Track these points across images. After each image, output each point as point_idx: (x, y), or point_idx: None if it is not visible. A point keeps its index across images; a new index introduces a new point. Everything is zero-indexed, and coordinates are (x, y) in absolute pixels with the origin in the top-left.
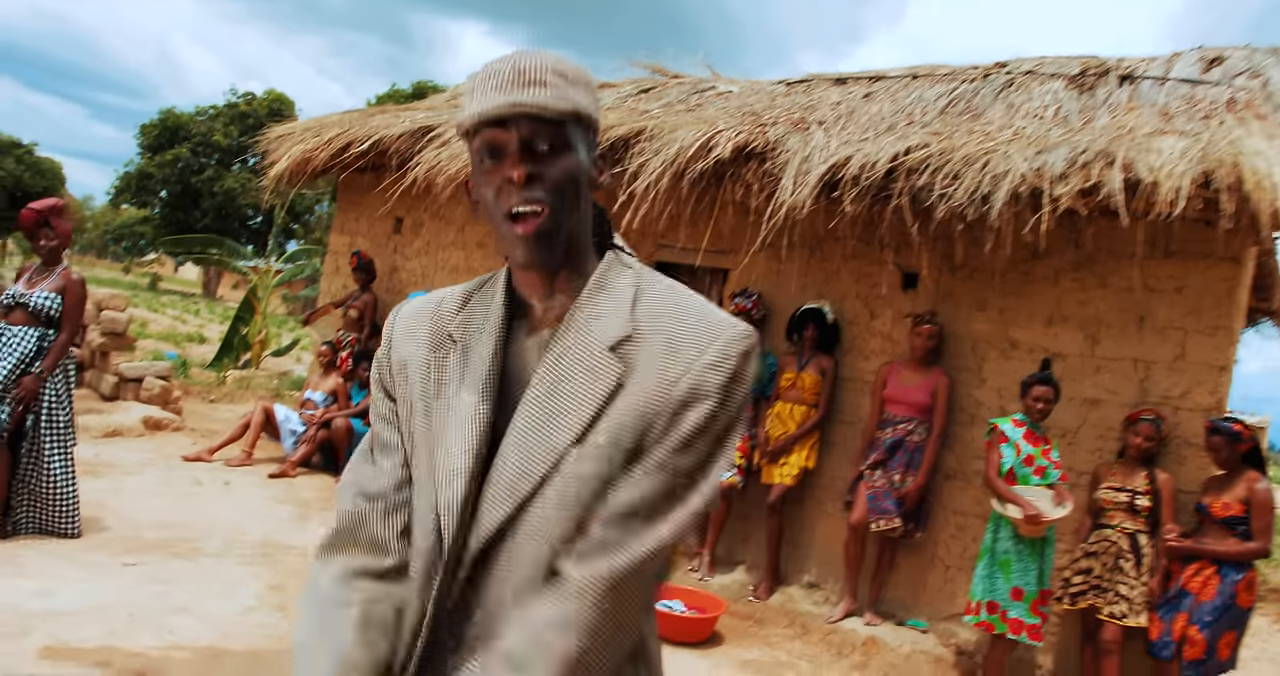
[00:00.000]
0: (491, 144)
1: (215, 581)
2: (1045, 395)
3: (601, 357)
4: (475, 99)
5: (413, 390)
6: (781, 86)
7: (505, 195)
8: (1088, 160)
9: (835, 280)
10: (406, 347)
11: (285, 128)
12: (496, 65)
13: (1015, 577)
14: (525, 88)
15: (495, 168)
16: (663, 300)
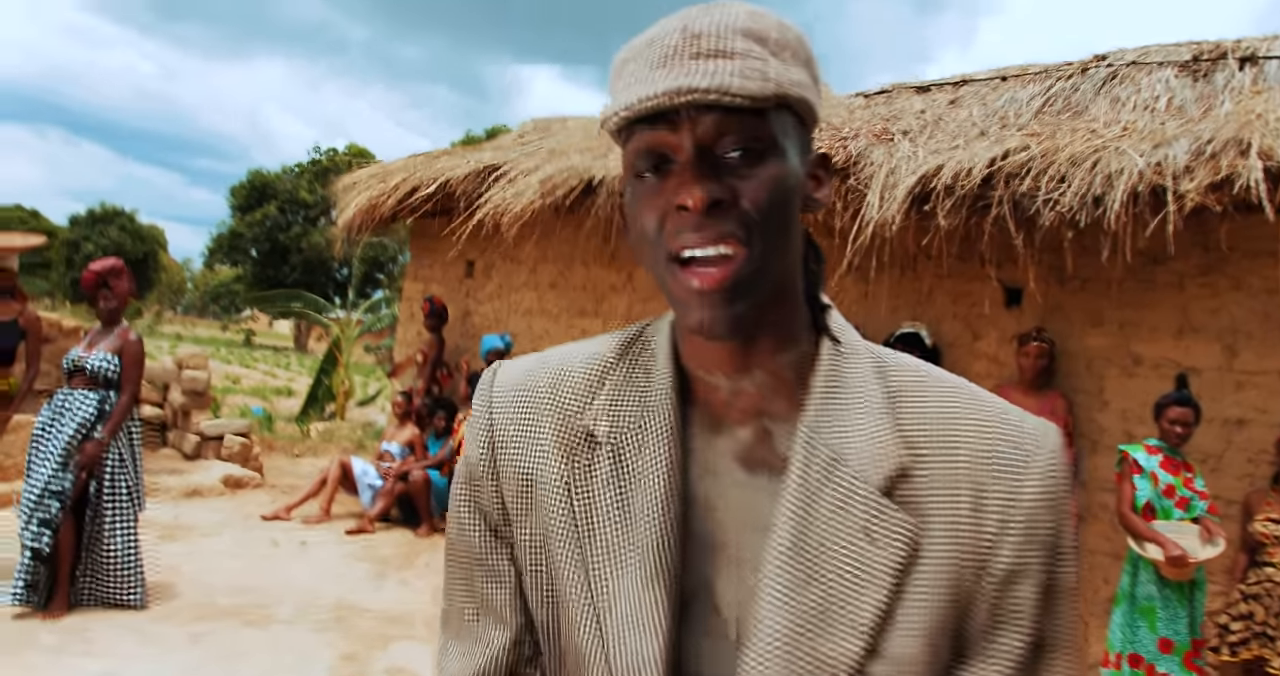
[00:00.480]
0: (652, 149)
1: (287, 653)
2: (1184, 417)
3: (876, 507)
4: (625, 81)
5: (548, 522)
6: (860, 98)
7: (674, 228)
8: (1216, 150)
9: (930, 301)
10: (525, 453)
11: (353, 176)
12: (660, 29)
13: (1162, 627)
14: (702, 61)
15: (658, 185)
16: (938, 404)
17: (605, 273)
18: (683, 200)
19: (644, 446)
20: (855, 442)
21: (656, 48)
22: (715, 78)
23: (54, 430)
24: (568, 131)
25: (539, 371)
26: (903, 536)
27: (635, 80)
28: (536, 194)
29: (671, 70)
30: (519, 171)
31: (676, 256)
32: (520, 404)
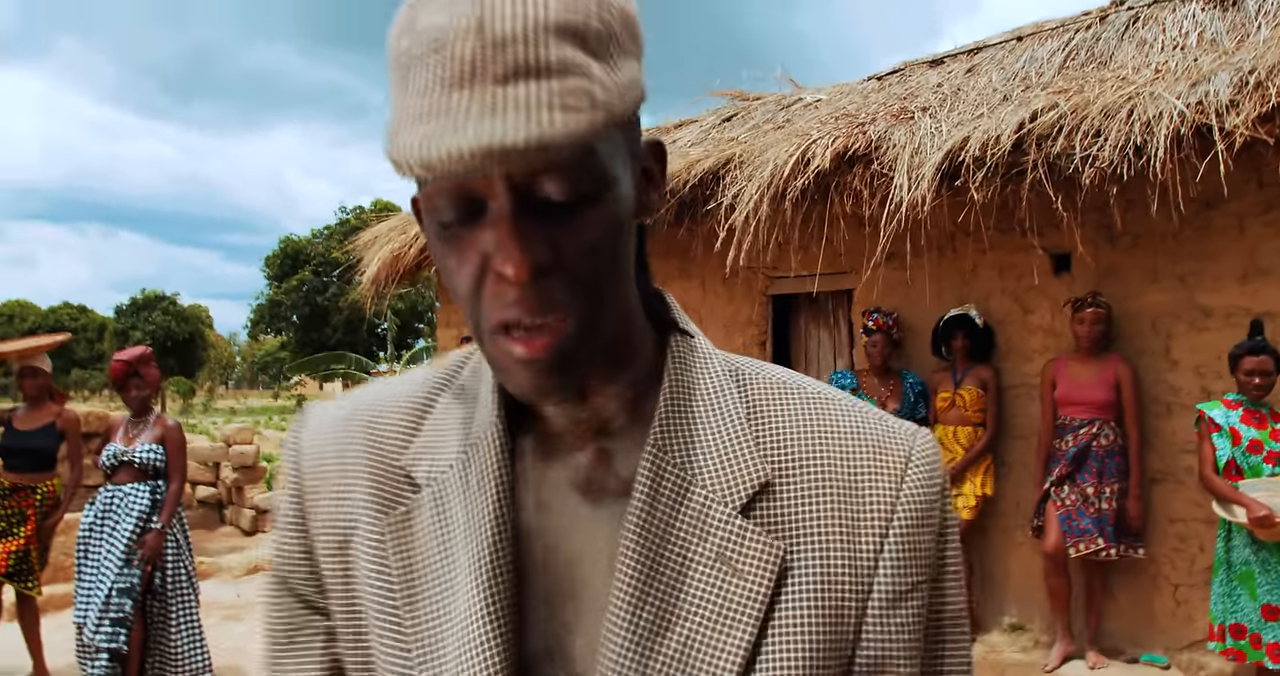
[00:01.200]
0: (458, 194)
1: None
2: (1262, 366)
3: (736, 530)
4: (413, 105)
5: (362, 589)
6: (873, 83)
7: (494, 293)
8: (1260, 79)
9: (974, 279)
10: (338, 507)
11: (373, 231)
12: (446, 15)
13: (1263, 593)
14: (511, 86)
15: (469, 237)
16: (801, 414)
17: None
18: (501, 267)
19: (469, 487)
20: (708, 460)
21: (447, 55)
22: (531, 124)
23: (106, 528)
24: None
25: (354, 413)
26: (768, 562)
27: (429, 112)
28: None
29: (474, 105)
30: None
31: (499, 325)
32: (331, 451)
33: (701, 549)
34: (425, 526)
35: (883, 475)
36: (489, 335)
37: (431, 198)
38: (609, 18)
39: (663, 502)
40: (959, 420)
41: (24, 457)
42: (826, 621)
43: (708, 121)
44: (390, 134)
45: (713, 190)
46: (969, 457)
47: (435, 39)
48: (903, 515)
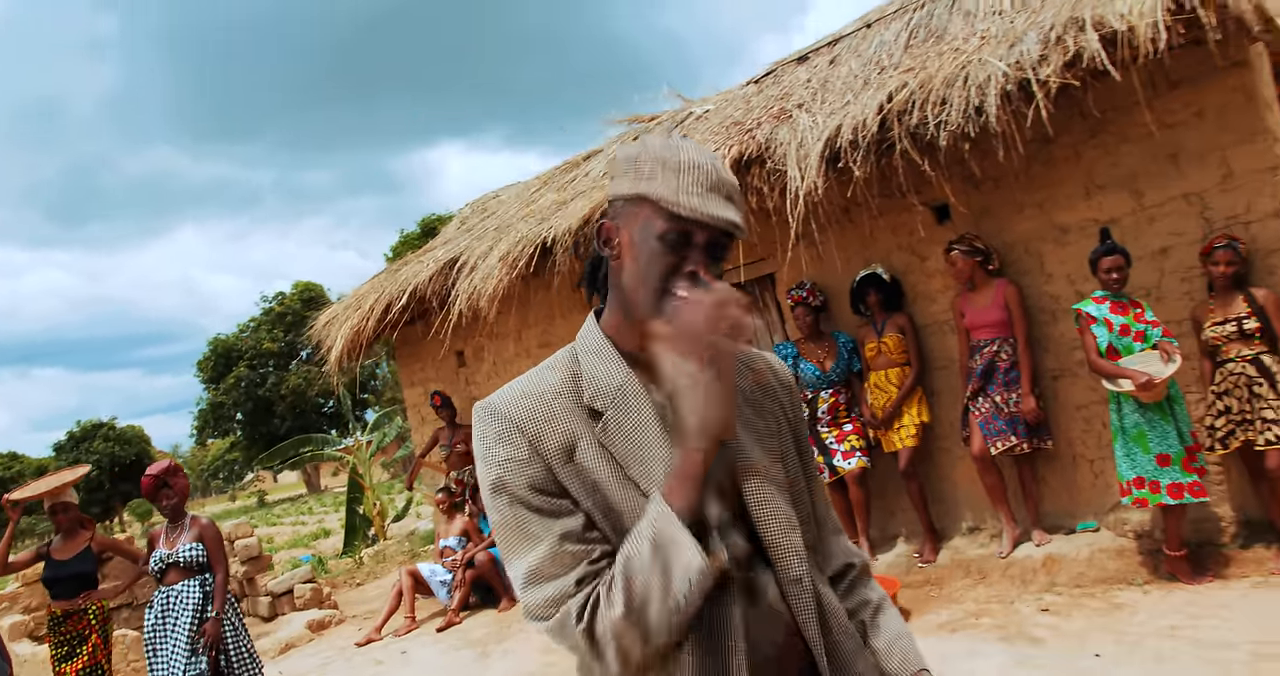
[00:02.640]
0: (684, 233)
1: None
2: (1115, 264)
3: (762, 401)
4: (685, 186)
5: (593, 468)
6: (752, 87)
7: (672, 272)
8: (1059, 35)
9: (873, 242)
10: (556, 434)
11: (327, 313)
12: (694, 156)
13: (1155, 445)
14: (732, 204)
15: (674, 254)
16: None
17: (583, 314)
18: (694, 265)
19: (631, 402)
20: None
21: (702, 174)
22: (738, 219)
23: (167, 625)
24: (503, 205)
25: (522, 392)
26: (776, 416)
27: (698, 194)
28: (501, 271)
29: (719, 202)
30: (477, 257)
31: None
32: (533, 409)
33: (755, 414)
34: (618, 428)
35: (784, 371)
36: (660, 295)
37: (663, 224)
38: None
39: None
40: (887, 364)
41: (69, 585)
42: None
43: (611, 150)
44: (674, 195)
45: None
46: (902, 394)
47: (698, 165)
48: (796, 389)
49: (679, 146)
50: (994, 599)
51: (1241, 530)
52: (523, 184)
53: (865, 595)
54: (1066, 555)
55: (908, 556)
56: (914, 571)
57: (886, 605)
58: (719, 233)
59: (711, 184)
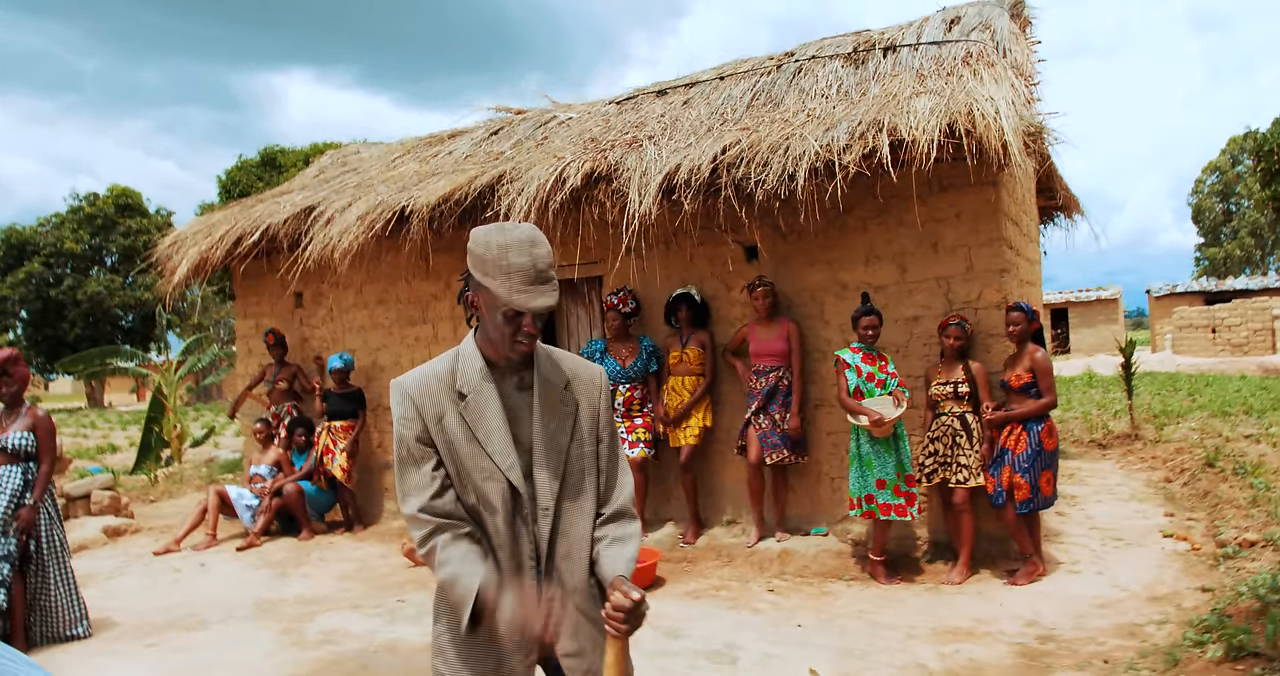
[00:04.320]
0: (517, 315)
1: (232, 639)
2: (872, 323)
3: (561, 395)
4: (516, 284)
5: (452, 431)
6: (613, 107)
7: (515, 332)
8: (863, 130)
9: (692, 266)
10: (433, 406)
11: (175, 234)
12: (518, 260)
13: (878, 471)
14: (547, 288)
15: (511, 324)
16: (571, 360)
17: (425, 285)
18: (529, 329)
19: (484, 390)
20: (553, 376)
21: (524, 276)
22: (551, 303)
23: None
24: (364, 163)
25: (420, 375)
26: (572, 405)
27: (522, 292)
28: (358, 229)
29: (538, 293)
30: (335, 210)
31: (515, 340)
32: (423, 389)
33: (555, 400)
34: (475, 407)
35: (598, 377)
36: (513, 342)
37: (504, 310)
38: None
39: (543, 389)
40: (686, 371)
41: None
42: (590, 421)
43: (477, 134)
44: (508, 296)
45: (489, 199)
46: (694, 399)
47: (522, 270)
48: (605, 390)
49: (509, 249)
50: (734, 578)
51: (930, 548)
52: (385, 146)
53: (616, 531)
54: (798, 551)
55: (674, 537)
56: (676, 549)
57: (627, 539)
58: (543, 312)
59: (532, 279)
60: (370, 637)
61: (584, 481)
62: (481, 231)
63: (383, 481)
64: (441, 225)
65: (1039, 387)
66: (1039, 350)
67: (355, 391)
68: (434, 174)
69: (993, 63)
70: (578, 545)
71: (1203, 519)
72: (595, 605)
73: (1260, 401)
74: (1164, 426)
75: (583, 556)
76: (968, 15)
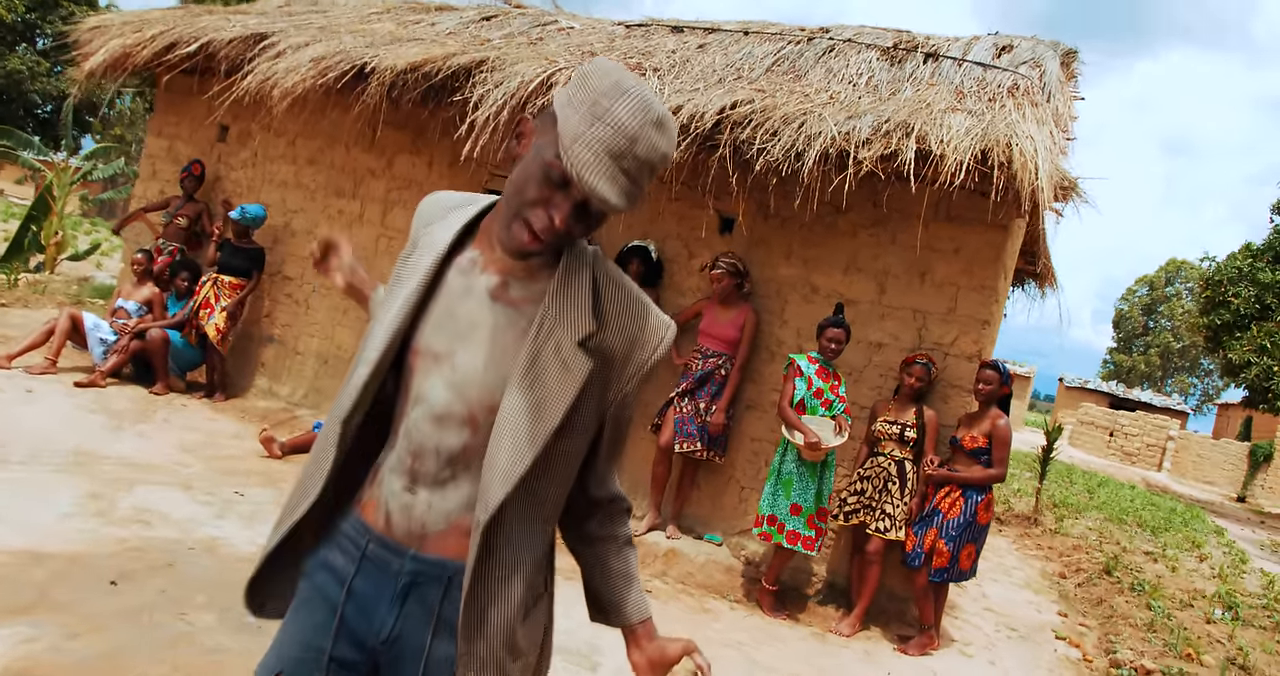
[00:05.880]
0: (564, 179)
1: (27, 489)
2: (838, 337)
3: (574, 354)
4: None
5: (402, 266)
6: (621, 28)
7: (538, 213)
8: (889, 129)
9: (660, 221)
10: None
11: (102, 18)
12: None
13: (795, 495)
14: (625, 179)
15: (547, 188)
16: (623, 299)
17: (366, 157)
18: (554, 213)
19: (423, 260)
20: (569, 313)
21: (618, 137)
22: (612, 198)
23: None
24: (336, 10)
25: (431, 200)
26: (583, 372)
27: (595, 153)
28: (307, 72)
29: (609, 171)
30: (289, 45)
31: (528, 223)
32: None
33: (555, 358)
34: (407, 267)
35: (647, 343)
36: (518, 221)
37: (554, 161)
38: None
39: (543, 331)
40: None
41: None
42: (598, 403)
43: (468, 15)
44: (571, 146)
45: (461, 84)
46: None
47: (622, 127)
48: (659, 354)
49: (623, 96)
50: None
51: (825, 589)
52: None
53: (616, 530)
54: (687, 554)
55: None
56: None
57: (629, 546)
58: (596, 209)
59: (618, 151)
60: (190, 529)
61: (549, 489)
62: (611, 64)
63: (260, 354)
64: (401, 96)
65: (992, 457)
66: (1003, 417)
67: (257, 249)
68: (410, 40)
69: (1037, 102)
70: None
71: (1095, 628)
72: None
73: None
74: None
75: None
76: (1020, 47)
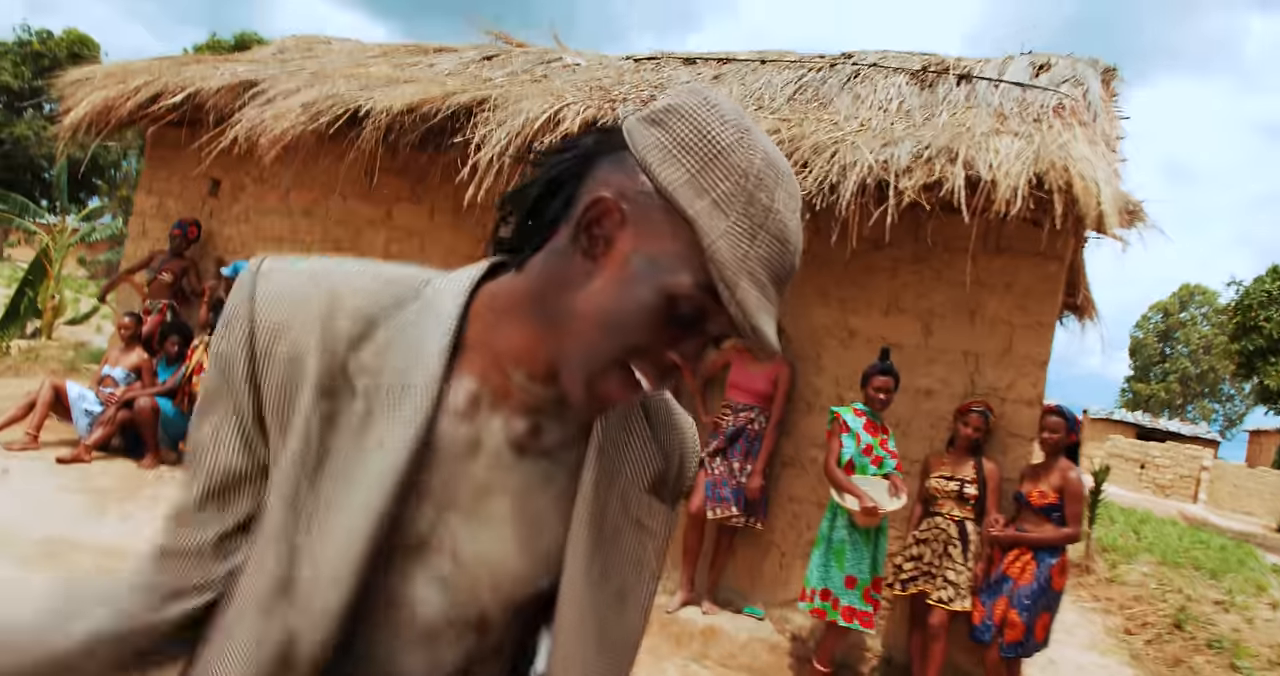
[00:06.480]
0: (698, 311)
1: None
2: (886, 385)
3: (648, 507)
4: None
5: (289, 443)
6: (630, 62)
7: (650, 360)
8: (931, 155)
9: None
10: (285, 369)
11: (85, 71)
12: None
13: (849, 566)
14: (774, 311)
15: (674, 333)
16: (677, 422)
17: (363, 206)
18: (686, 362)
19: (398, 414)
20: (628, 448)
21: (783, 249)
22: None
23: None
24: (332, 54)
25: (315, 290)
26: (665, 523)
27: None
28: (298, 118)
29: (772, 304)
30: (279, 91)
31: (628, 370)
32: (289, 319)
33: (627, 518)
34: (349, 425)
35: (693, 444)
36: (617, 372)
37: (686, 288)
38: None
39: (600, 485)
40: None
41: None
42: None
43: (468, 55)
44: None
45: (463, 124)
46: None
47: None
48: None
49: (781, 180)
50: (647, 649)
51: (882, 666)
52: (359, 44)
53: None
54: (727, 631)
55: None
56: None
57: None
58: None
59: (783, 274)
60: None
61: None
62: (735, 107)
63: None
64: (398, 140)
65: (1064, 514)
66: (1073, 469)
67: None
68: (406, 81)
69: (1084, 122)
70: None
71: None
72: None
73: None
74: (1115, 564)
75: None
76: (1059, 66)
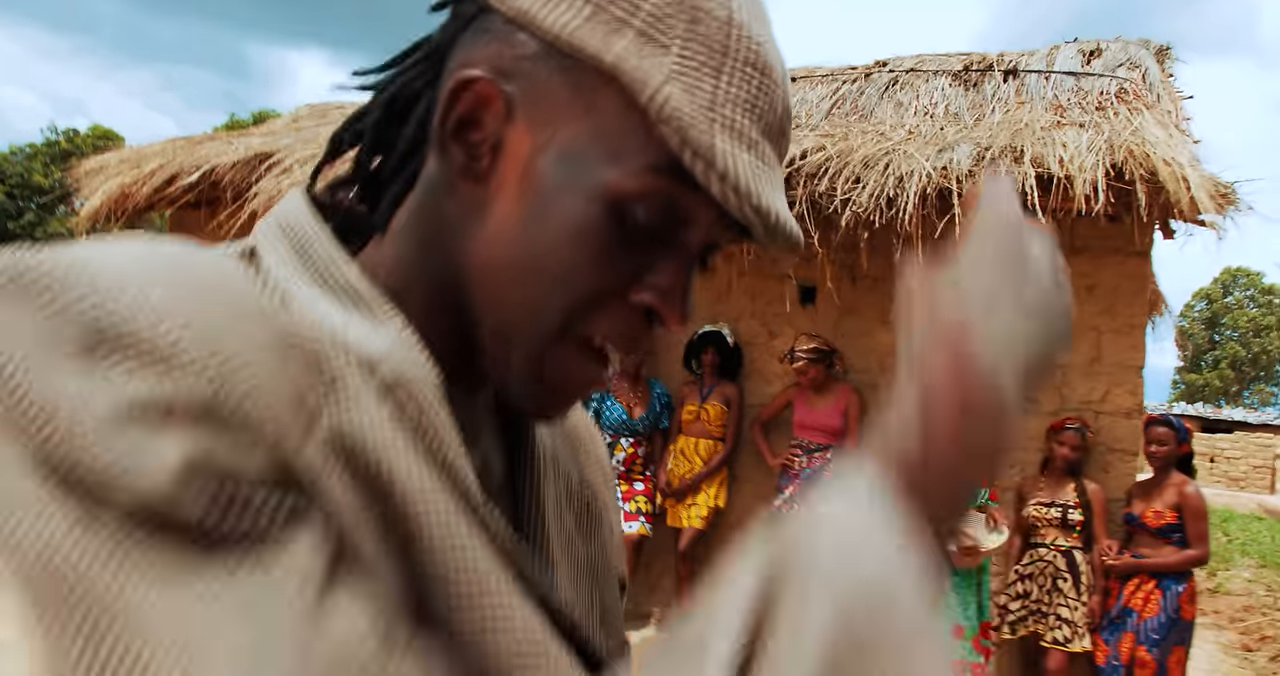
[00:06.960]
0: (674, 210)
1: None
2: None
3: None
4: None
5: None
6: None
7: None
8: (994, 156)
9: (728, 299)
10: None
11: (100, 159)
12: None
13: (954, 614)
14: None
15: (638, 259)
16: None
17: None
18: (663, 306)
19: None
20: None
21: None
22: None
23: None
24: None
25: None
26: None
27: (749, 151)
28: None
29: (777, 171)
30: (294, 160)
31: (583, 339)
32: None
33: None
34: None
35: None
36: (559, 337)
37: (655, 189)
38: None
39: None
40: (702, 433)
41: None
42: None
43: None
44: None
45: None
46: (707, 470)
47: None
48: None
49: (758, 25)
50: None
51: None
52: None
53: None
54: None
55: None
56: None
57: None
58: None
59: (774, 116)
60: None
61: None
62: None
63: None
64: None
65: (1186, 534)
66: (1189, 483)
67: None
68: None
69: (1150, 105)
70: None
71: None
72: None
73: None
74: (1214, 571)
75: None
76: (1110, 50)
